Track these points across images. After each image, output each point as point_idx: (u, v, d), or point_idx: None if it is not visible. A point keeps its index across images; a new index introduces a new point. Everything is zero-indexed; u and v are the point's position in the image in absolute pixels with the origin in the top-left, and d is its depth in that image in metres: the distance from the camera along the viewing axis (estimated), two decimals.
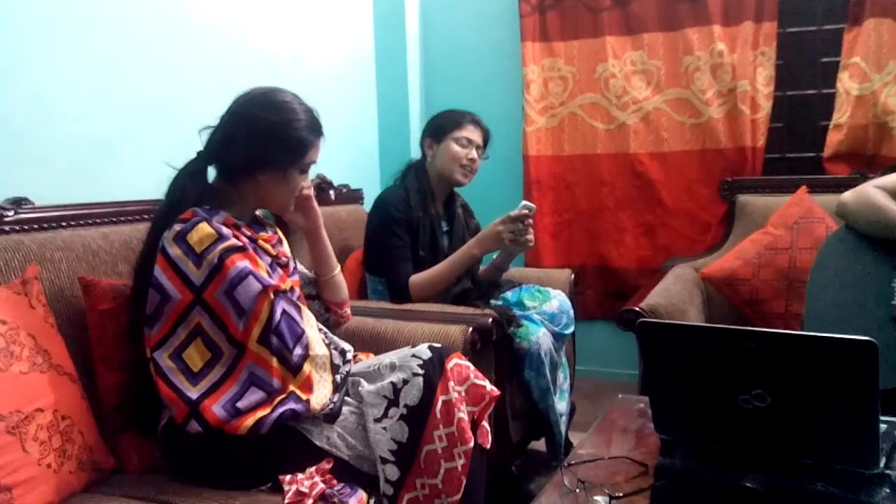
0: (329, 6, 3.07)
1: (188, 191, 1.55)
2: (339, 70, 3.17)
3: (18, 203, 1.67)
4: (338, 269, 1.90)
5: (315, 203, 1.81)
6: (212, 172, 1.64)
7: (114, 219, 1.86)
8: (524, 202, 2.23)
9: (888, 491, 1.20)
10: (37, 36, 1.81)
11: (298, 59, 2.85)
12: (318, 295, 1.90)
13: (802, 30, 3.06)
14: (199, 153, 1.61)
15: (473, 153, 2.39)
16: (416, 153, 3.31)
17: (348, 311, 1.95)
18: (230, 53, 2.45)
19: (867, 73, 2.83)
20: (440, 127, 2.41)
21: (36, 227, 1.67)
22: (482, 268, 2.56)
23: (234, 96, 1.62)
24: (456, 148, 2.37)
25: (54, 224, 1.71)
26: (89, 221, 1.80)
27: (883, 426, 1.31)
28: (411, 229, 2.31)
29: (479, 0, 3.54)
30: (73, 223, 1.75)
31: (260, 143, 1.57)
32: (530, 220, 2.23)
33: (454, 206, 2.52)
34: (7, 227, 1.61)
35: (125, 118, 2.07)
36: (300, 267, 1.87)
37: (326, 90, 3.03)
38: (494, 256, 2.51)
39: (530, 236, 2.25)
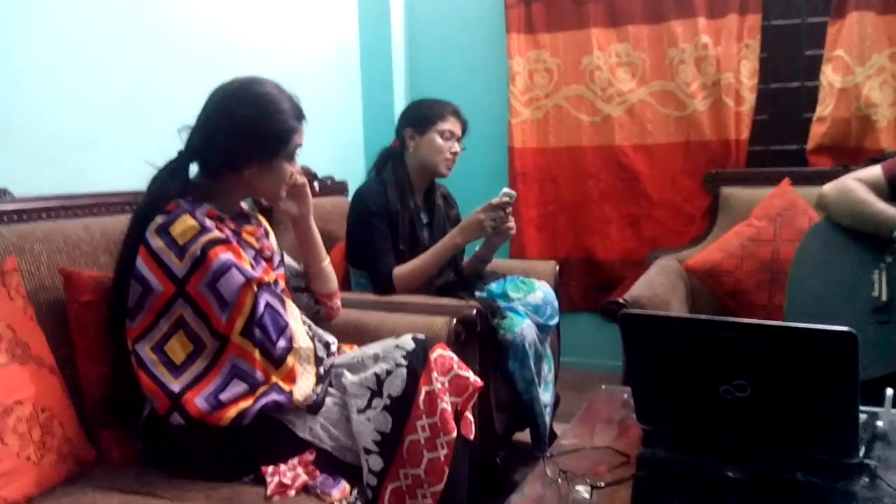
0: None
1: (169, 188, 1.53)
2: (324, 61, 3.16)
3: None
4: (327, 259, 1.88)
5: (308, 190, 1.78)
6: (193, 168, 1.62)
7: (94, 210, 1.84)
8: (505, 189, 2.23)
9: (867, 480, 1.21)
10: (17, 28, 1.79)
11: (282, 49, 2.83)
12: (306, 287, 1.89)
13: (786, 23, 3.07)
14: (180, 153, 1.59)
15: (456, 146, 2.39)
16: None
17: (338, 302, 1.94)
18: (212, 45, 2.43)
19: (850, 66, 2.84)
20: (423, 118, 2.38)
21: (15, 218, 1.65)
22: (465, 259, 2.55)
23: (211, 89, 1.60)
24: (440, 141, 2.35)
25: (34, 215, 1.69)
26: (70, 213, 1.78)
27: (862, 416, 1.32)
28: (390, 223, 2.30)
29: None
30: (53, 214, 1.74)
31: (241, 139, 1.54)
32: (510, 208, 2.23)
33: (434, 197, 2.50)
34: None
35: (106, 110, 2.05)
36: (288, 259, 1.86)
37: (311, 81, 3.01)
38: (477, 248, 2.51)
39: (511, 224, 2.27)
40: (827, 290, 2.04)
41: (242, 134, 1.54)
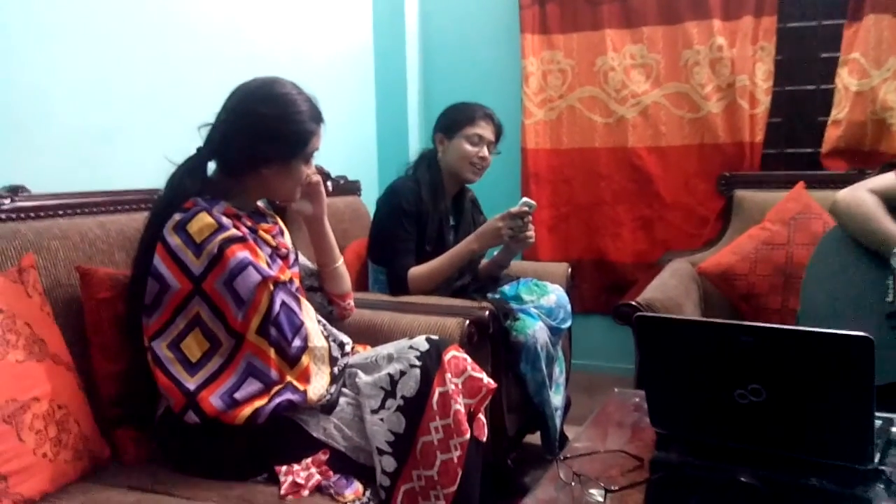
0: None
1: (187, 186, 1.54)
2: (338, 61, 3.16)
3: (15, 191, 1.66)
4: (340, 260, 1.88)
5: (323, 189, 1.79)
6: (211, 165, 1.63)
7: (111, 208, 1.85)
8: (524, 199, 2.21)
9: (882, 487, 1.20)
10: (36, 26, 1.80)
11: (296, 49, 2.84)
12: (320, 287, 1.89)
13: (802, 25, 3.05)
14: (199, 150, 1.60)
15: (484, 151, 2.36)
16: (414, 145, 3.32)
17: (351, 303, 1.94)
18: (227, 44, 2.44)
19: (866, 69, 2.82)
20: (452, 122, 2.38)
21: (33, 215, 1.66)
22: (483, 262, 2.54)
23: (232, 88, 1.61)
24: (467, 146, 2.34)
25: (51, 213, 1.70)
26: (86, 210, 1.79)
27: (878, 422, 1.31)
28: (419, 223, 2.30)
29: None
30: (69, 212, 1.75)
31: (261, 139, 1.55)
32: (530, 218, 2.22)
33: (464, 200, 2.50)
34: (3, 216, 1.60)
35: (123, 108, 2.05)
36: (302, 258, 1.86)
37: (325, 81, 3.02)
38: (495, 253, 2.50)
39: (530, 233, 2.24)
40: (841, 295, 2.03)
41: (261, 134, 1.55)
